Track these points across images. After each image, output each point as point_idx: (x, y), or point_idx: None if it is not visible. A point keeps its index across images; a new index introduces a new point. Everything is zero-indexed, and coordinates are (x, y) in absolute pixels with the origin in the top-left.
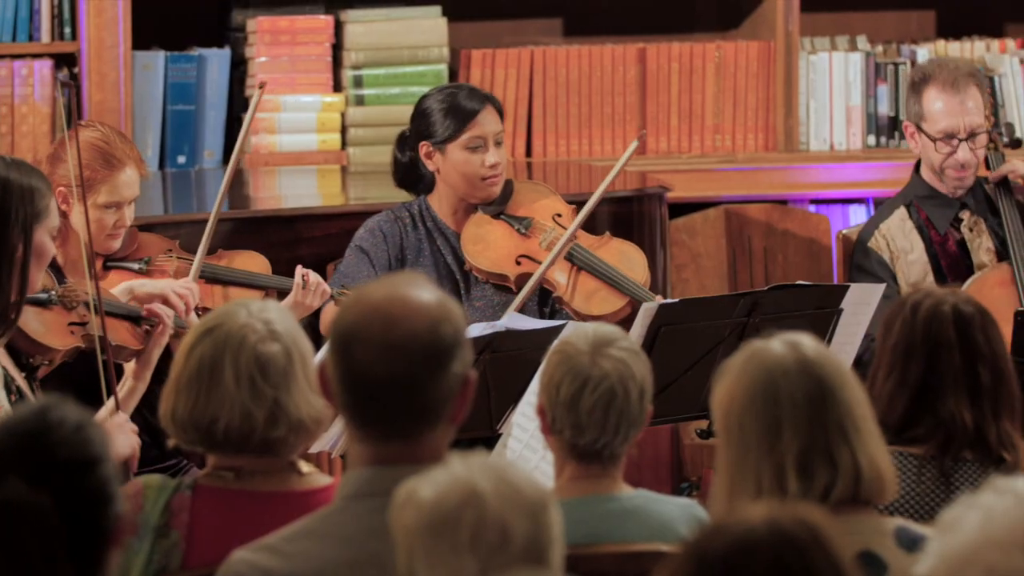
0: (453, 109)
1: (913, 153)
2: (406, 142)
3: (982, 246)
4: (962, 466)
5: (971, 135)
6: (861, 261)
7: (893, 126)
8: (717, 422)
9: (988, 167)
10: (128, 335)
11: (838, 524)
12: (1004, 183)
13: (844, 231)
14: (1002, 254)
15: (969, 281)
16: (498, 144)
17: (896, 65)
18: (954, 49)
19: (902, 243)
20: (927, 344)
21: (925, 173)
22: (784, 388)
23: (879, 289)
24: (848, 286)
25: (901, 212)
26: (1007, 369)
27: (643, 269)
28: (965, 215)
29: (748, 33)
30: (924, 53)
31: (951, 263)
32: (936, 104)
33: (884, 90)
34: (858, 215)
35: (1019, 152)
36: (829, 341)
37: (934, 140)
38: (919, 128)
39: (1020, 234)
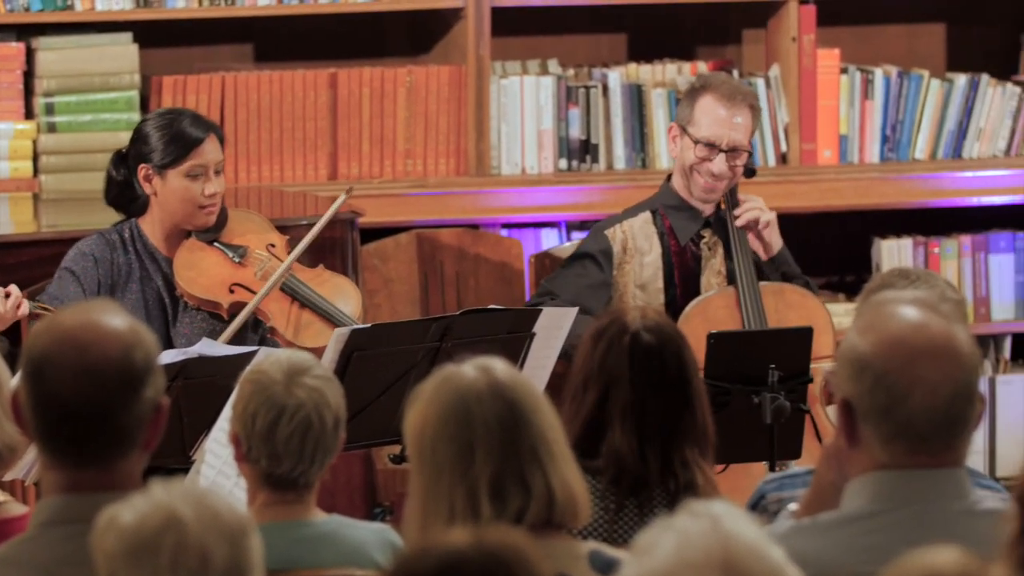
0: (177, 136)
1: (671, 155)
2: (123, 161)
3: (713, 267)
4: (645, 491)
5: (732, 150)
6: (588, 243)
7: (585, 149)
8: (410, 447)
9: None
10: None
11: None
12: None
13: (536, 254)
14: (731, 280)
15: (696, 301)
16: (218, 173)
17: (587, 88)
18: (646, 72)
19: (642, 244)
20: (602, 376)
21: (677, 183)
22: (477, 412)
23: (571, 313)
24: (540, 310)
25: (646, 215)
26: (688, 397)
27: (357, 303)
28: (707, 233)
29: (439, 58)
30: (616, 76)
31: (684, 276)
32: (707, 111)
33: (576, 114)
34: (550, 239)
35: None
36: (521, 365)
37: (695, 143)
38: (684, 131)
39: (748, 263)
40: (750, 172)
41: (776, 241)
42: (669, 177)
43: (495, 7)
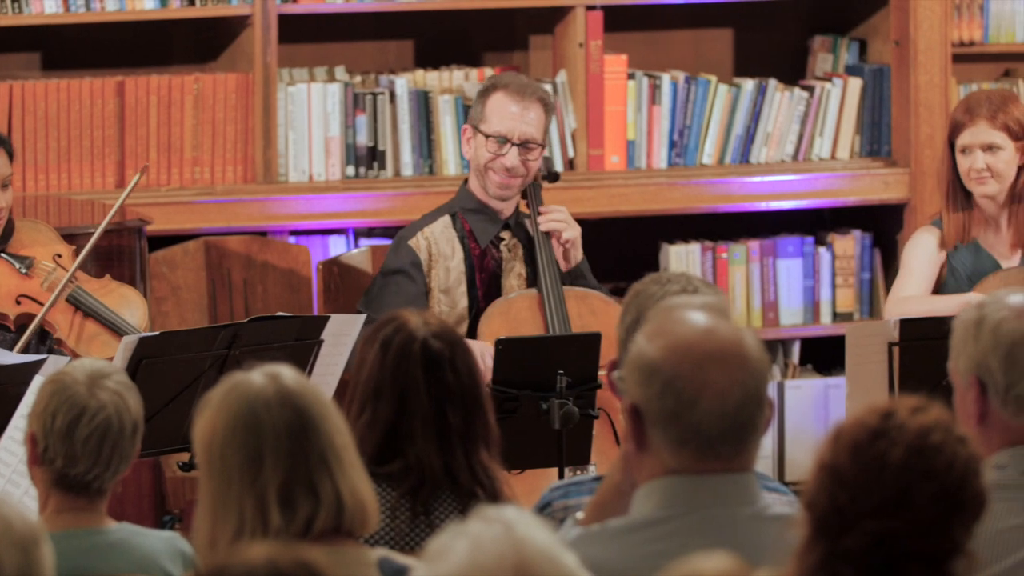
0: None
1: (466, 157)
2: None
3: (514, 270)
4: (441, 498)
5: (524, 144)
6: (395, 258)
7: (372, 156)
8: (199, 455)
9: (524, 196)
10: None
11: (322, 555)
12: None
13: (324, 261)
14: (530, 282)
15: (498, 300)
16: (4, 187)
17: (375, 95)
18: (432, 79)
19: (444, 248)
20: (397, 385)
21: (473, 185)
22: (265, 420)
23: (359, 320)
24: (328, 317)
25: (446, 220)
26: (481, 403)
27: (143, 314)
28: (506, 235)
29: (226, 65)
30: (403, 83)
31: (485, 279)
32: (498, 107)
33: (363, 120)
34: (338, 246)
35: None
36: (310, 372)
37: (487, 138)
38: (477, 130)
39: (552, 266)
40: (554, 176)
41: (577, 256)
42: (466, 181)
43: (282, 14)
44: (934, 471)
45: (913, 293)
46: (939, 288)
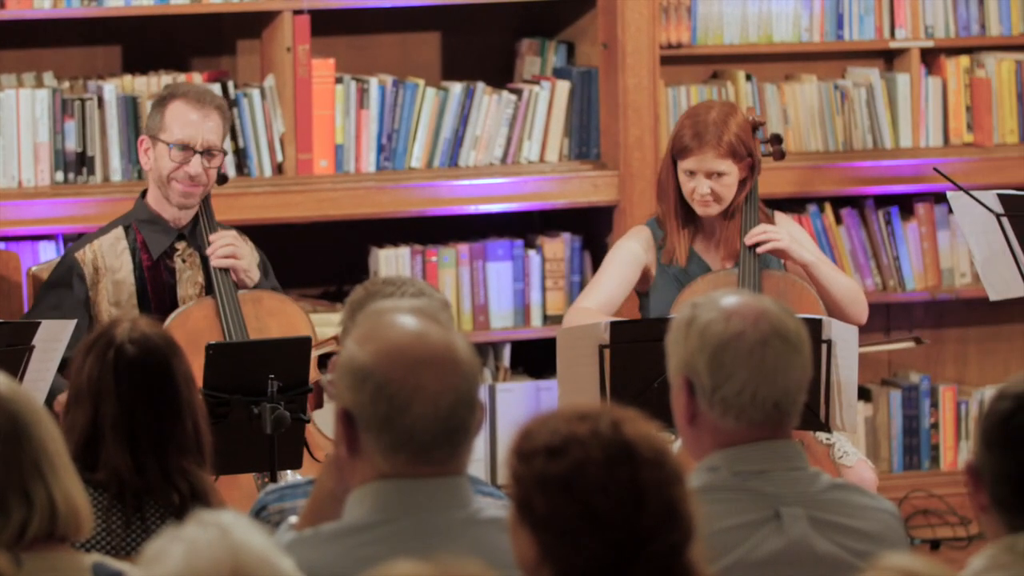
0: None
1: (144, 168)
2: None
3: (191, 279)
4: (154, 503)
5: (207, 151)
6: (59, 269)
7: (81, 162)
8: None
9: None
10: None
11: (35, 561)
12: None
13: (34, 268)
14: (208, 289)
15: (175, 313)
16: None
17: (83, 101)
18: (141, 84)
19: (112, 261)
20: (91, 391)
21: (152, 196)
22: None
23: (70, 325)
24: (39, 323)
25: (118, 232)
26: (177, 408)
27: None
28: (181, 246)
29: None
30: (111, 88)
31: (157, 289)
32: (178, 115)
33: (72, 126)
34: (48, 251)
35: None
36: (21, 378)
37: (169, 147)
38: (156, 140)
39: (226, 275)
40: (223, 179)
41: (253, 278)
42: (144, 193)
43: None
44: (675, 473)
45: (596, 301)
46: (649, 289)
